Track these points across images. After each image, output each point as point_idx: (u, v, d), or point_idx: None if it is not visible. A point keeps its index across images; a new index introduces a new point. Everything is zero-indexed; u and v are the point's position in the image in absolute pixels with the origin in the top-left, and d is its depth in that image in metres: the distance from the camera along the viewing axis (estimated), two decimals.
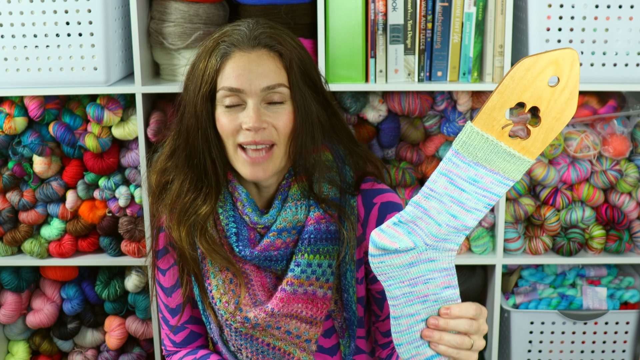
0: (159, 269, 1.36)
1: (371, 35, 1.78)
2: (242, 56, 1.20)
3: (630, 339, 1.97)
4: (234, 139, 1.21)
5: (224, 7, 1.89)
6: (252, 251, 1.25)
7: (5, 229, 1.91)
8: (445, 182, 0.99)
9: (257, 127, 1.18)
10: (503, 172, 0.98)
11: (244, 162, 1.21)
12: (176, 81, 1.87)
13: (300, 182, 1.28)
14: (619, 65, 1.74)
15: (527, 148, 0.97)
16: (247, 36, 1.21)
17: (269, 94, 1.20)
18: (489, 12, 1.75)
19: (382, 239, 1.03)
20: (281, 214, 1.26)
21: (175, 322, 1.36)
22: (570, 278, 1.98)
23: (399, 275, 1.03)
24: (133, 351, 2.06)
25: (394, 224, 1.03)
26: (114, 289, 1.97)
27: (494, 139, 0.97)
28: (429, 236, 1.02)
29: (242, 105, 1.21)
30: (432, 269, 1.03)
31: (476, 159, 0.98)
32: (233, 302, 1.26)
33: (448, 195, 1.00)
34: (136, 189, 1.87)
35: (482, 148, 0.97)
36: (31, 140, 1.81)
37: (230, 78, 1.19)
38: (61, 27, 1.72)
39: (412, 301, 1.04)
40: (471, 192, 0.99)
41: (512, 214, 1.89)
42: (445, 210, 1.00)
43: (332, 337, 1.34)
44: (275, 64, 1.21)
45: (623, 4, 1.70)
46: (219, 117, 1.22)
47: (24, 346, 2.09)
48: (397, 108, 1.85)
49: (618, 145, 1.83)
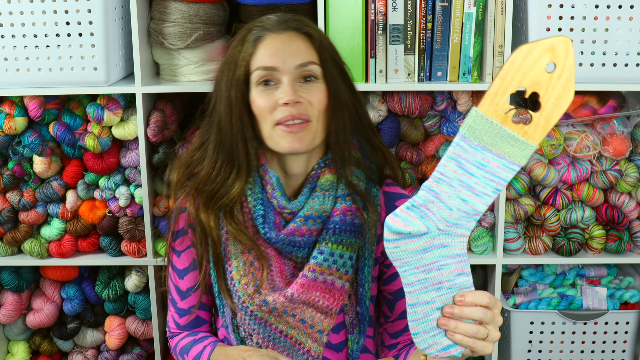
0: (174, 250, 1.39)
1: (371, 35, 1.78)
2: (274, 37, 1.26)
3: (630, 339, 1.97)
4: (271, 116, 1.25)
5: (224, 7, 1.89)
6: (277, 234, 1.29)
7: (5, 229, 1.91)
8: (455, 166, 1.03)
9: (293, 100, 1.23)
10: (509, 157, 1.02)
11: (281, 134, 1.25)
12: (176, 81, 1.87)
13: (330, 173, 1.33)
14: (619, 65, 1.74)
15: (530, 133, 1.02)
16: (277, 21, 1.29)
17: (302, 71, 1.26)
18: (489, 12, 1.76)
19: (396, 222, 1.05)
20: (309, 201, 1.31)
21: (183, 304, 1.39)
22: (570, 278, 1.98)
23: (414, 260, 1.06)
24: (133, 351, 2.06)
25: (407, 208, 1.05)
26: (114, 289, 1.97)
27: (498, 123, 1.01)
28: (441, 221, 1.05)
29: (277, 84, 1.26)
30: (445, 255, 1.06)
31: (482, 143, 1.02)
32: (252, 285, 1.29)
33: (457, 179, 1.03)
34: (136, 189, 1.87)
35: (487, 132, 1.01)
36: (31, 140, 1.81)
37: (264, 57, 1.25)
38: (61, 27, 1.72)
39: (427, 288, 1.06)
40: (479, 177, 1.03)
41: (512, 214, 1.89)
42: (456, 194, 1.04)
43: (341, 333, 1.35)
44: (305, 44, 1.27)
45: (623, 4, 1.70)
46: (254, 98, 1.26)
47: (24, 346, 2.09)
48: (397, 108, 1.85)
49: (618, 145, 1.83)
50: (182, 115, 1.96)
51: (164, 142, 1.86)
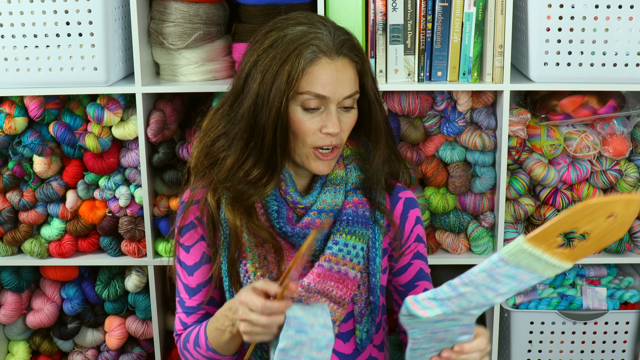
0: (182, 246, 1.39)
1: (371, 35, 1.78)
2: (329, 64, 1.27)
3: (630, 339, 1.97)
4: (311, 139, 1.29)
5: (224, 7, 1.89)
6: (293, 227, 1.33)
7: (5, 229, 1.91)
8: (485, 276, 1.08)
9: (338, 132, 1.28)
10: (541, 272, 1.07)
11: (313, 157, 1.31)
12: (176, 81, 1.87)
13: (339, 169, 1.38)
14: (619, 65, 1.74)
15: (569, 256, 1.05)
16: (332, 42, 1.28)
17: (347, 101, 1.30)
18: (488, 12, 1.75)
19: (416, 309, 1.11)
20: (321, 196, 1.36)
21: (192, 302, 1.39)
22: (570, 278, 1.98)
23: (424, 327, 1.13)
24: (133, 351, 2.06)
25: (429, 297, 1.11)
26: (114, 289, 1.97)
27: (540, 252, 1.04)
28: (458, 308, 1.11)
29: (322, 109, 1.29)
30: (454, 325, 1.13)
31: (519, 264, 1.05)
32: (268, 277, 1.32)
33: (485, 285, 1.08)
34: (136, 189, 1.87)
35: (527, 258, 1.05)
36: (31, 140, 1.81)
37: (317, 85, 1.27)
38: (61, 27, 1.72)
39: (430, 340, 1.15)
40: (507, 284, 1.08)
41: (512, 214, 1.89)
42: (479, 294, 1.09)
43: (349, 323, 1.38)
44: (354, 72, 1.31)
45: (623, 4, 1.70)
46: (297, 116, 1.29)
47: (24, 346, 2.09)
48: (397, 108, 1.85)
49: (618, 145, 1.83)
50: (182, 115, 1.96)
51: (164, 142, 1.86)
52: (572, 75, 1.75)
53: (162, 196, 1.90)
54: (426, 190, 1.91)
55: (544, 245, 1.03)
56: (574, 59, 1.74)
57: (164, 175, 1.87)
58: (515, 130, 1.83)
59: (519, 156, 1.86)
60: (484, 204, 1.89)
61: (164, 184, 1.89)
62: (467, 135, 1.85)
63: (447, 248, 1.94)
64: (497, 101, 1.84)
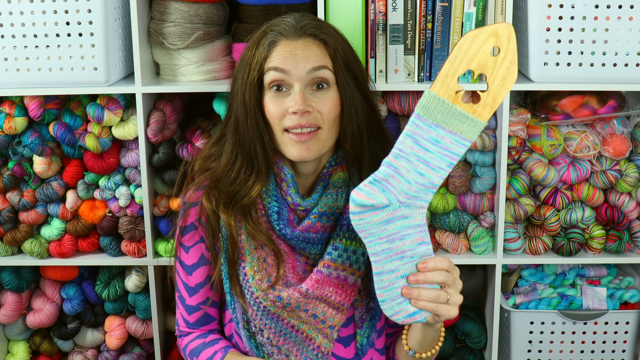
0: (183, 245, 1.39)
1: (371, 35, 1.78)
2: (289, 43, 1.27)
3: (630, 339, 1.97)
4: (280, 123, 1.27)
5: (224, 7, 1.89)
6: (293, 230, 1.32)
7: (5, 229, 1.91)
8: (411, 142, 1.14)
9: (302, 109, 1.25)
10: (460, 133, 1.13)
11: (290, 142, 1.28)
12: (176, 81, 1.87)
13: (341, 171, 1.36)
14: (619, 65, 1.74)
15: (479, 111, 1.13)
16: (294, 26, 1.29)
17: (314, 76, 1.26)
18: (489, 12, 1.75)
19: (360, 195, 1.15)
20: (322, 199, 1.34)
21: (191, 301, 1.40)
22: (570, 278, 1.98)
23: (378, 232, 1.16)
24: (133, 351, 2.06)
25: (369, 182, 1.15)
26: (114, 289, 1.97)
27: (449, 102, 1.12)
28: (401, 193, 1.15)
29: (288, 90, 1.27)
30: (406, 226, 1.16)
31: (436, 121, 1.13)
32: (266, 281, 1.31)
33: (415, 154, 1.14)
34: (136, 189, 1.87)
35: (440, 111, 1.12)
36: (31, 140, 1.81)
37: (276, 60, 1.26)
38: (61, 27, 1.72)
39: (391, 257, 1.16)
40: (434, 152, 1.14)
41: (512, 214, 1.89)
42: (413, 168, 1.14)
43: (349, 327, 1.37)
44: (320, 50, 1.28)
45: (623, 4, 1.70)
46: (266, 103, 1.28)
47: (24, 346, 2.09)
48: (397, 108, 1.85)
49: (618, 145, 1.83)
50: (182, 115, 1.96)
51: (164, 142, 1.86)
52: (572, 75, 1.75)
53: (162, 196, 1.90)
54: None
55: (449, 94, 1.11)
56: (574, 59, 1.74)
57: (164, 175, 1.87)
58: (515, 130, 1.83)
59: (519, 156, 1.86)
60: (484, 204, 1.89)
61: (164, 184, 1.89)
62: None
63: (447, 248, 1.94)
64: None
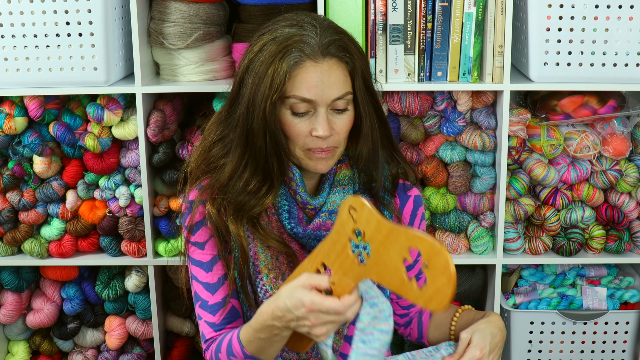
0: (196, 244, 1.35)
1: (371, 35, 1.78)
2: (314, 66, 1.25)
3: (630, 339, 1.97)
4: (303, 142, 1.28)
5: (224, 7, 1.89)
6: (304, 229, 1.32)
7: (5, 229, 1.91)
8: None
9: (327, 135, 1.26)
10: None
11: (310, 157, 1.30)
12: (176, 81, 1.87)
13: (346, 169, 1.39)
14: (619, 65, 1.74)
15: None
16: (318, 44, 1.25)
17: (338, 103, 1.27)
18: (488, 12, 1.75)
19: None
20: (330, 197, 1.35)
21: (216, 298, 1.35)
22: (570, 278, 1.98)
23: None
24: (133, 351, 2.06)
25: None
26: (114, 289, 1.97)
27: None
28: None
29: (311, 112, 1.27)
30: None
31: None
32: (280, 278, 1.32)
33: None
34: (136, 189, 1.87)
35: None
36: (31, 140, 1.81)
37: (302, 89, 1.25)
38: (61, 27, 1.72)
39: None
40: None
41: (512, 214, 1.89)
42: None
43: None
44: (343, 73, 1.28)
45: (623, 4, 1.70)
46: (287, 120, 1.28)
47: (24, 346, 2.09)
48: (397, 108, 1.85)
49: (618, 145, 1.83)
50: (182, 115, 1.96)
51: (164, 142, 1.86)
52: (572, 75, 1.75)
53: (162, 196, 1.90)
54: (426, 190, 1.91)
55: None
56: (574, 59, 1.74)
57: (164, 175, 1.87)
58: (515, 130, 1.83)
59: (519, 156, 1.86)
60: (484, 204, 1.89)
61: (164, 184, 1.89)
62: (467, 135, 1.85)
63: (447, 248, 1.94)
64: (497, 101, 1.84)
